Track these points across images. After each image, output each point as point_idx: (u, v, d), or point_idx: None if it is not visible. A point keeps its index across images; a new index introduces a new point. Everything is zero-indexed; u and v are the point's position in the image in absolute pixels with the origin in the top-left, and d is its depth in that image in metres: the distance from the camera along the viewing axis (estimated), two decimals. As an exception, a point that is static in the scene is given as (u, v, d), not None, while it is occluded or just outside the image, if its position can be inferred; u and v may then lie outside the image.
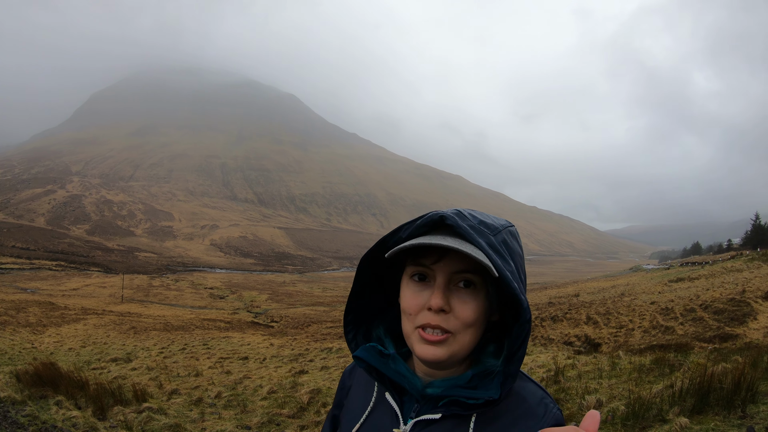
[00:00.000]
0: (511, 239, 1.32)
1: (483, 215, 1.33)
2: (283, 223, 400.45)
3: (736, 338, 18.85)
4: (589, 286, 79.69)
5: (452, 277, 1.25)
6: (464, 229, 1.21)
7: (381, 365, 1.35)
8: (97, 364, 17.29)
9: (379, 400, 1.41)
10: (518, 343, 1.22)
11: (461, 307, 1.23)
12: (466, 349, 1.26)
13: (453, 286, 1.25)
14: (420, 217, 1.30)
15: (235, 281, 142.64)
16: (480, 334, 1.29)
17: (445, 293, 1.23)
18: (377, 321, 1.49)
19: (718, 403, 5.56)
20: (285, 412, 8.81)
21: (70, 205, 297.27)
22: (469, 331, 1.24)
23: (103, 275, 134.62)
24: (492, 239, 1.25)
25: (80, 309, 57.04)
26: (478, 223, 1.27)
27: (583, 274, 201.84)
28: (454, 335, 1.23)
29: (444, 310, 1.22)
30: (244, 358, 19.07)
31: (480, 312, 1.25)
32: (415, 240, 1.22)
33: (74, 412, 7.35)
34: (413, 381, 1.32)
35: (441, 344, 1.23)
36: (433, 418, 1.28)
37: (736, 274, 43.33)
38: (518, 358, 1.23)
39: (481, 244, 1.20)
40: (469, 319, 1.23)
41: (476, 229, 1.24)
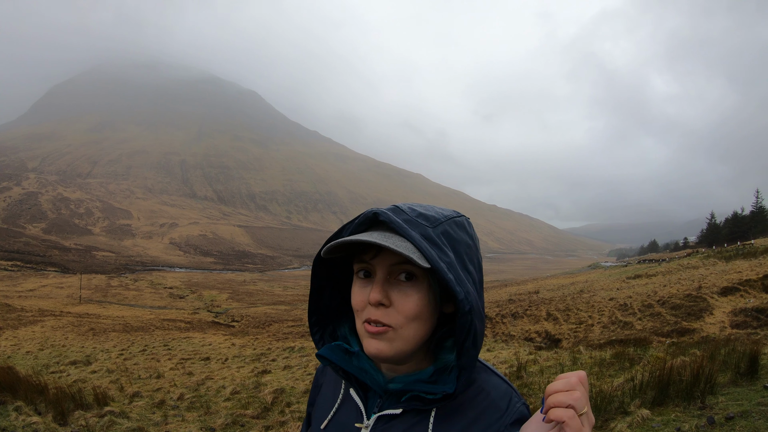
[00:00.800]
0: (456, 230, 1.28)
1: (426, 208, 1.31)
2: (243, 221, 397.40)
3: (693, 332, 19.25)
4: (549, 283, 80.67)
5: (392, 270, 1.23)
6: (396, 224, 1.20)
7: (344, 362, 1.34)
8: (56, 367, 16.96)
9: (346, 397, 1.41)
10: (463, 335, 1.18)
11: (402, 300, 1.21)
12: (412, 343, 1.23)
13: (394, 279, 1.23)
14: (359, 216, 1.29)
15: (195, 280, 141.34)
16: (427, 327, 1.25)
17: (384, 287, 1.22)
18: (342, 320, 1.48)
19: (678, 395, 5.69)
20: (249, 412, 8.76)
21: (26, 203, 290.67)
22: (413, 324, 1.21)
23: (61, 275, 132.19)
24: (429, 231, 1.22)
25: (37, 310, 55.97)
26: (417, 215, 1.25)
27: (543, 272, 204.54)
28: (395, 329, 1.21)
29: (383, 304, 1.22)
30: (206, 359, 18.90)
31: (422, 304, 1.22)
32: (339, 239, 1.21)
33: (34, 418, 7.20)
34: (376, 377, 1.32)
35: (382, 337, 1.21)
36: (395, 413, 1.27)
37: (692, 271, 44.23)
38: (467, 350, 1.19)
39: (413, 237, 1.17)
40: (411, 312, 1.20)
41: (411, 222, 1.22)
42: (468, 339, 1.18)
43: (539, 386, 8.11)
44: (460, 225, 1.31)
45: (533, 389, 8.02)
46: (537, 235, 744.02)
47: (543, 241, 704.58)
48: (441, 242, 1.22)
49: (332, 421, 1.40)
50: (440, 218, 1.27)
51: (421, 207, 1.31)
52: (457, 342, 1.20)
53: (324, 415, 1.44)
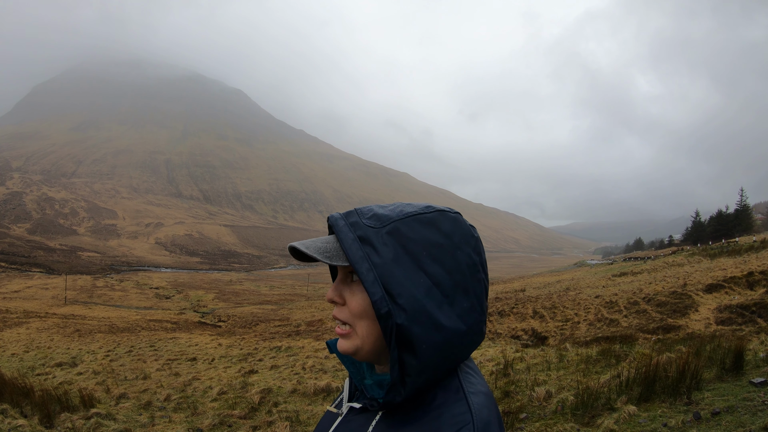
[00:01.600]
0: (415, 227, 1.21)
1: (393, 208, 1.28)
2: (229, 220, 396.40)
3: (678, 329, 19.39)
4: (535, 281, 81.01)
5: (346, 269, 1.28)
6: (336, 227, 1.24)
7: (340, 354, 1.34)
8: (41, 369, 16.83)
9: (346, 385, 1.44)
10: (388, 341, 1.15)
11: (350, 298, 1.24)
12: (368, 341, 1.23)
13: (349, 279, 1.27)
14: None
15: (181, 281, 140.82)
16: (380, 328, 1.20)
17: (338, 286, 1.27)
18: None
19: (664, 391, 5.73)
20: (236, 412, 8.73)
21: (10, 203, 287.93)
22: (363, 322, 1.22)
23: (46, 276, 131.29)
24: (369, 231, 1.20)
25: (22, 312, 55.58)
26: (370, 217, 1.24)
27: (529, 270, 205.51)
28: (353, 328, 1.23)
29: (335, 302, 1.27)
30: (193, 359, 18.81)
31: (366, 302, 1.20)
32: (290, 244, 1.25)
33: (20, 421, 7.14)
34: (363, 371, 1.35)
35: (345, 337, 1.25)
36: (356, 407, 1.31)
37: (677, 268, 44.56)
38: (394, 358, 1.14)
39: (342, 240, 1.20)
40: (356, 310, 1.22)
41: (356, 225, 1.23)
42: (392, 346, 1.14)
43: (526, 384, 8.13)
44: (427, 221, 1.23)
45: (520, 386, 8.04)
46: (523, 233, 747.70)
47: (529, 240, 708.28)
48: (381, 242, 1.19)
49: (336, 405, 1.44)
50: (394, 216, 1.23)
51: (389, 207, 1.29)
52: (388, 347, 1.15)
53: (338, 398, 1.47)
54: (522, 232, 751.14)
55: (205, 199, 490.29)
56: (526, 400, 6.98)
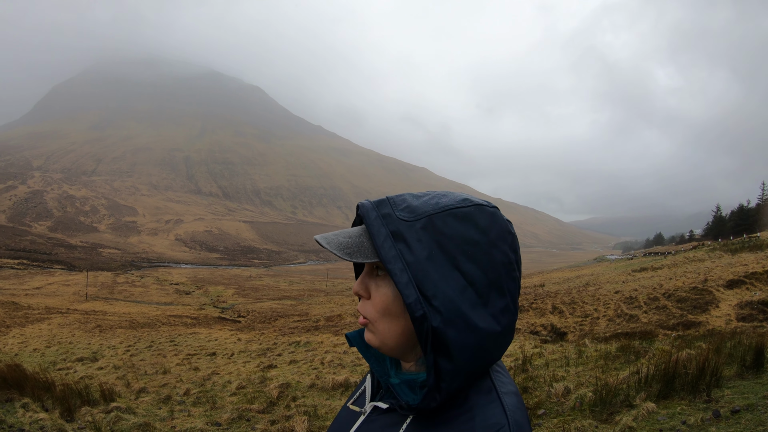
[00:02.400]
0: (450, 222, 1.13)
1: (428, 199, 1.19)
2: (249, 216, 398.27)
3: (699, 325, 19.21)
4: (554, 276, 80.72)
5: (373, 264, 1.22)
6: (366, 219, 1.16)
7: (362, 348, 1.31)
8: (62, 364, 17.00)
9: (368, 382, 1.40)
10: (422, 343, 1.08)
11: (374, 293, 1.19)
12: (391, 338, 1.17)
13: (375, 273, 1.21)
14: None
15: (201, 276, 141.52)
16: (402, 325, 1.16)
17: (364, 280, 1.22)
18: None
19: (683, 388, 5.67)
20: (255, 407, 8.75)
21: (31, 201, 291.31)
22: (384, 319, 1.17)
23: (67, 273, 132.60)
24: (402, 226, 1.12)
25: (44, 308, 56.12)
26: (403, 208, 1.16)
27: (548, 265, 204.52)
28: (374, 323, 1.19)
29: (361, 295, 1.22)
30: (212, 354, 18.91)
31: (389, 299, 1.15)
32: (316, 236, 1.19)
33: (41, 414, 7.22)
34: (388, 369, 1.29)
35: (369, 329, 1.22)
36: (382, 407, 1.24)
37: (698, 263, 44.18)
38: (429, 361, 1.07)
39: (374, 235, 1.12)
40: (378, 305, 1.17)
41: (388, 217, 1.15)
42: (427, 349, 1.07)
43: (544, 379, 8.08)
44: (463, 216, 1.15)
45: (539, 382, 8.00)
46: (542, 228, 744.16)
47: (548, 234, 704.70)
48: (415, 237, 1.11)
49: (354, 401, 1.38)
50: (428, 210, 1.14)
51: (424, 198, 1.20)
52: (423, 351, 1.09)
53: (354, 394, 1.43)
54: (541, 227, 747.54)
55: (225, 196, 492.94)
56: (545, 396, 6.95)
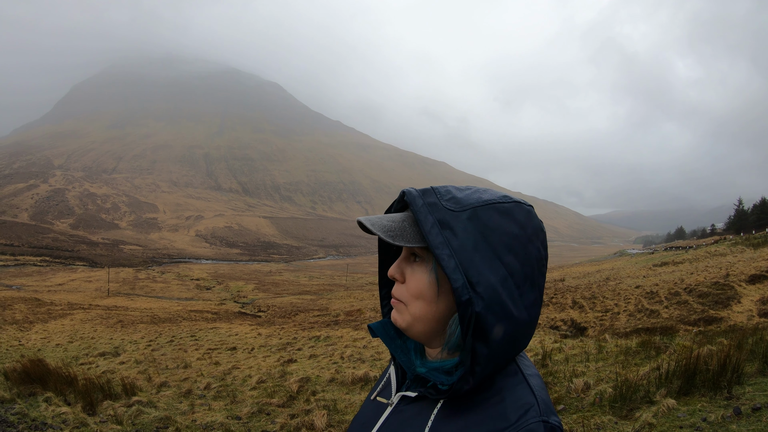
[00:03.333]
0: (493, 216, 1.19)
1: (471, 192, 1.25)
2: (268, 212, 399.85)
3: (720, 321, 19.05)
4: (575, 270, 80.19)
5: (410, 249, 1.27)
6: (414, 205, 1.21)
7: (387, 339, 1.35)
8: (85, 359, 17.18)
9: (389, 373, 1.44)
10: (463, 327, 1.13)
11: (410, 277, 1.24)
12: (422, 321, 1.23)
13: (412, 259, 1.27)
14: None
15: (222, 272, 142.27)
16: (435, 309, 1.22)
17: (401, 264, 1.27)
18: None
19: (704, 384, 5.62)
20: (275, 401, 8.80)
21: (53, 200, 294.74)
22: (417, 303, 1.22)
23: (89, 269, 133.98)
24: (448, 215, 1.18)
25: (66, 304, 56.71)
26: (448, 198, 1.21)
27: (568, 259, 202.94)
28: (406, 305, 1.24)
29: (396, 279, 1.27)
30: (233, 349, 19.04)
31: (424, 284, 1.21)
32: (359, 218, 1.26)
33: (64, 408, 7.31)
34: (413, 359, 1.32)
35: (398, 310, 1.27)
36: (411, 396, 1.27)
37: (719, 258, 43.74)
38: (468, 344, 1.12)
39: (422, 222, 1.17)
40: (414, 290, 1.22)
41: (434, 206, 1.20)
42: (468, 333, 1.12)
43: (564, 374, 8.05)
44: (504, 211, 1.21)
45: (558, 377, 7.97)
46: (562, 222, 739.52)
47: (568, 229, 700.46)
48: (462, 227, 1.17)
49: (379, 393, 1.42)
50: (473, 202, 1.20)
51: (467, 191, 1.26)
52: (463, 335, 1.14)
53: (377, 387, 1.46)
54: (561, 221, 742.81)
55: (244, 192, 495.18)
56: (564, 392, 6.92)
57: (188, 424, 7.33)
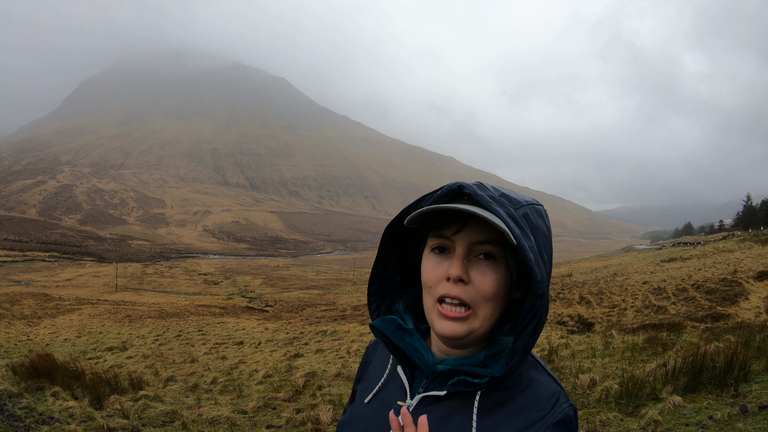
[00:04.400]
0: (535, 216, 1.24)
1: (506, 190, 1.27)
2: (276, 207, 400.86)
3: (728, 318, 18.98)
4: (582, 266, 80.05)
5: (472, 248, 1.21)
6: (483, 198, 1.18)
7: (396, 337, 1.33)
8: (92, 353, 17.26)
9: (392, 374, 1.39)
10: (527, 319, 1.15)
11: (481, 278, 1.18)
12: (485, 324, 1.21)
13: (473, 257, 1.21)
14: (441, 187, 1.26)
15: (229, 266, 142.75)
16: (500, 310, 1.23)
17: (464, 263, 1.19)
18: (400, 295, 1.46)
19: (710, 381, 5.60)
20: (281, 395, 8.82)
21: (61, 195, 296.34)
22: (488, 305, 1.19)
23: (97, 264, 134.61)
24: (512, 210, 1.19)
25: (74, 299, 56.98)
26: (500, 195, 1.22)
27: (576, 255, 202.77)
28: (474, 311, 1.19)
29: (462, 280, 1.18)
30: (240, 343, 19.09)
31: (500, 285, 1.19)
32: (433, 206, 1.16)
33: (71, 403, 7.35)
34: (426, 356, 1.30)
35: (462, 320, 1.19)
36: (439, 395, 1.24)
37: (727, 254, 43.55)
38: (527, 334, 1.16)
39: (500, 213, 1.14)
40: (489, 292, 1.18)
41: (496, 200, 1.19)
42: (530, 325, 1.15)
43: (570, 370, 8.04)
44: (539, 213, 1.27)
45: (564, 373, 7.96)
46: (570, 217, 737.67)
47: (576, 224, 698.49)
48: (523, 224, 1.19)
49: (376, 396, 1.38)
50: (522, 201, 1.24)
51: (502, 188, 1.28)
52: (519, 326, 1.16)
53: (369, 390, 1.41)
54: (569, 216, 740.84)
55: (252, 187, 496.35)
56: (570, 388, 6.91)
57: (194, 418, 7.35)
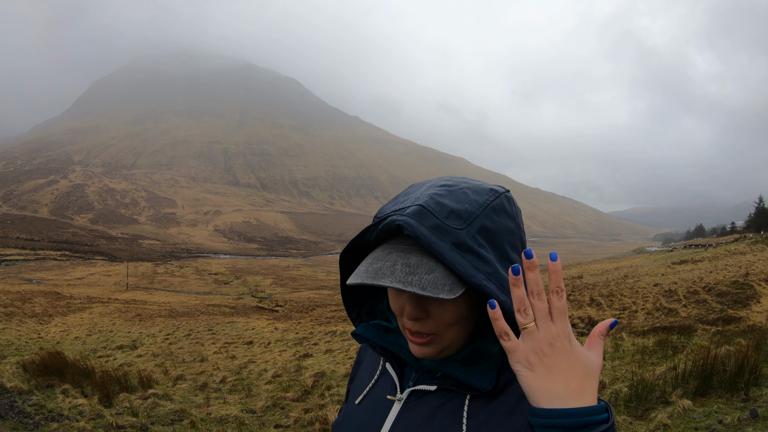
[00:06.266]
0: (495, 219, 1.13)
1: (459, 196, 1.13)
2: (286, 207, 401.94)
3: (739, 321, 18.86)
4: (593, 267, 79.70)
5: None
6: (422, 237, 1.05)
7: (379, 339, 1.30)
8: (102, 352, 17.37)
9: (383, 372, 1.37)
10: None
11: (438, 311, 1.12)
12: (455, 344, 1.17)
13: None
14: (382, 219, 1.14)
15: (240, 266, 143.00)
16: (470, 325, 1.17)
17: (418, 302, 1.13)
18: (379, 295, 1.43)
19: (721, 385, 5.56)
20: (289, 395, 8.85)
21: (73, 195, 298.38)
22: (452, 329, 1.14)
23: (108, 263, 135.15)
24: (461, 235, 1.07)
25: (85, 298, 57.22)
26: (447, 215, 1.08)
27: (586, 256, 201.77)
28: (438, 335, 1.14)
29: (419, 318, 1.13)
30: (249, 343, 19.14)
31: (460, 311, 1.13)
32: (355, 278, 1.09)
33: (80, 400, 7.39)
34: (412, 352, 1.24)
35: (428, 344, 1.16)
36: (429, 389, 1.22)
37: (739, 256, 43.33)
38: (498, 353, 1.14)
39: (443, 255, 1.04)
40: (449, 321, 1.13)
41: (442, 229, 1.07)
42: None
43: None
44: (499, 209, 1.15)
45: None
46: (580, 218, 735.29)
47: (587, 225, 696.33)
48: (477, 244, 1.09)
49: (368, 395, 1.36)
50: (475, 211, 1.11)
51: (453, 197, 1.13)
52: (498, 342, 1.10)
53: (361, 390, 1.40)
54: (580, 218, 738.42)
55: (263, 187, 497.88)
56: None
57: (203, 417, 7.38)
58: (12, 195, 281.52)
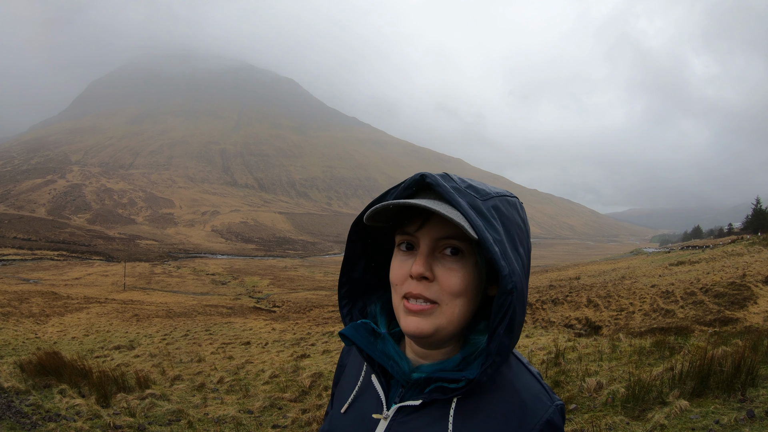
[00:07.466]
0: (507, 207, 1.18)
1: (476, 182, 1.21)
2: (284, 207, 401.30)
3: (736, 322, 18.89)
4: (590, 269, 79.84)
5: (437, 243, 1.15)
6: (444, 189, 1.10)
7: (367, 346, 1.26)
8: (100, 352, 17.36)
9: (367, 382, 1.33)
10: (499, 317, 1.08)
11: (446, 275, 1.13)
12: (454, 322, 1.15)
13: (439, 253, 1.15)
14: (405, 179, 1.19)
15: (237, 267, 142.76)
16: (471, 307, 1.17)
17: (427, 260, 1.13)
18: (374, 297, 1.40)
19: (718, 386, 5.57)
20: (287, 395, 8.85)
21: (70, 195, 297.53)
22: (456, 302, 1.13)
23: (105, 264, 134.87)
24: (478, 202, 1.12)
25: (83, 298, 57.19)
26: (466, 186, 1.15)
27: (584, 257, 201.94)
28: (439, 305, 1.13)
29: (426, 278, 1.13)
30: (247, 343, 19.15)
31: (468, 281, 1.13)
32: (383, 203, 1.13)
33: (78, 400, 7.39)
34: (401, 364, 1.24)
35: (425, 315, 1.13)
36: (414, 405, 1.18)
37: (736, 258, 43.36)
38: (498, 336, 1.08)
39: (461, 205, 1.08)
40: (455, 288, 1.12)
41: (461, 191, 1.12)
42: (503, 323, 1.08)
43: (577, 373, 8.02)
44: (513, 205, 1.21)
45: (571, 376, 7.94)
46: (578, 219, 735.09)
47: (584, 226, 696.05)
48: (491, 215, 1.12)
49: (352, 405, 1.33)
50: (491, 193, 1.17)
51: (472, 180, 1.21)
52: (491, 325, 1.10)
53: (345, 397, 1.36)
54: (577, 219, 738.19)
55: (260, 187, 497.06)
56: (576, 391, 6.89)
57: (200, 417, 7.39)
58: (9, 195, 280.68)
